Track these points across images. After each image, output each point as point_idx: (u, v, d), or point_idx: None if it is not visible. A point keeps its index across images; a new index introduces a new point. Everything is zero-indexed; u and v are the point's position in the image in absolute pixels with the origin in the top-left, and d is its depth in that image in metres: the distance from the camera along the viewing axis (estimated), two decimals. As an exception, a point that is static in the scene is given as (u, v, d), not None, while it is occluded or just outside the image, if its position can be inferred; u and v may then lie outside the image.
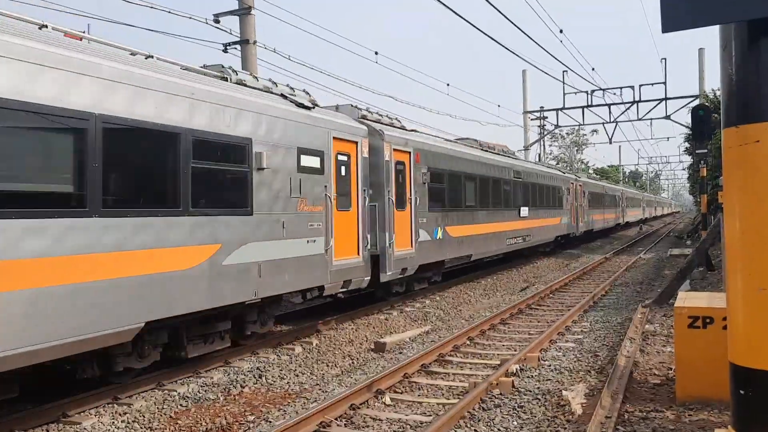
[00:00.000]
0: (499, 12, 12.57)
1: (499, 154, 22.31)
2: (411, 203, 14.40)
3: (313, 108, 11.11)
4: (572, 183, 32.04)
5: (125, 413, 7.30)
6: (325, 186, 11.04)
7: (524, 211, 23.52)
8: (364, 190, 12.42)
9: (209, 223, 8.41)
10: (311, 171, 10.72)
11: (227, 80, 9.70)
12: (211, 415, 7.28)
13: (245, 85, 9.93)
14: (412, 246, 14.31)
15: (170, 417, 7.28)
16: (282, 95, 10.60)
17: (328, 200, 11.09)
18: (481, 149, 20.82)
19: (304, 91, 11.50)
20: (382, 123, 14.20)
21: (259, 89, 10.13)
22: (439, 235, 15.93)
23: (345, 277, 11.65)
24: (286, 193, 10.08)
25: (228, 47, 14.48)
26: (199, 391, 8.16)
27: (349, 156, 11.95)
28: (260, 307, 10.10)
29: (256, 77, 10.60)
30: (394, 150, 13.71)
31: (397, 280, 14.46)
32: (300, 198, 10.39)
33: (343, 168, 11.78)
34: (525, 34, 14.85)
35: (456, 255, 17.12)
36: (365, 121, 13.38)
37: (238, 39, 14.37)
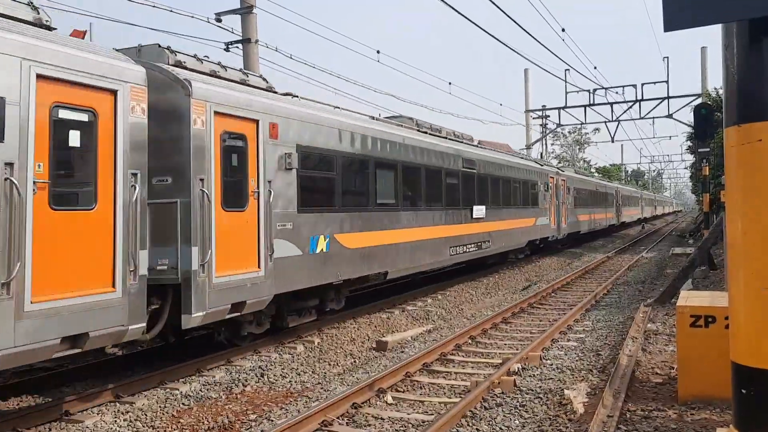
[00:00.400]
0: (501, 11, 12.56)
1: (444, 138, 17.08)
2: (259, 199, 9.51)
3: None
4: (552, 177, 27.01)
5: (127, 412, 7.31)
6: (7, 164, 6.05)
7: (479, 210, 18.27)
8: (134, 176, 7.37)
9: None
10: None
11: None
12: (213, 414, 7.29)
13: None
14: (259, 266, 9.40)
15: (172, 416, 7.30)
16: None
17: (15, 190, 6.08)
18: (418, 130, 15.68)
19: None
20: (207, 74, 9.33)
21: None
22: (322, 247, 10.89)
23: (72, 330, 6.56)
24: None
25: (230, 46, 14.49)
26: (201, 390, 8.17)
27: (92, 114, 6.97)
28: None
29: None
30: (220, 114, 8.83)
31: (245, 318, 9.76)
32: None
33: (71, 134, 6.83)
34: (527, 32, 14.85)
35: (358, 274, 12.07)
36: (160, 66, 8.68)
37: (240, 38, 14.38)
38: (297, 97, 11.25)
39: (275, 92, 10.60)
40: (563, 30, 22.70)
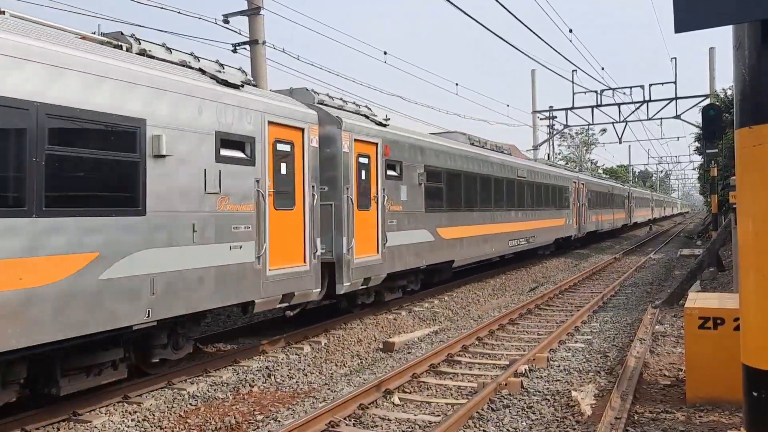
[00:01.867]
0: (509, 12, 12.54)
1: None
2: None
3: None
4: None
5: (135, 412, 7.33)
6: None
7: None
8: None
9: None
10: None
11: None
12: (221, 414, 7.30)
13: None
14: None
15: (180, 416, 7.31)
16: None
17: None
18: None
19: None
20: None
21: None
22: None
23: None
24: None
25: (237, 47, 14.51)
26: (208, 390, 8.18)
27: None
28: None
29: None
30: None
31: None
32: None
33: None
34: (534, 33, 14.81)
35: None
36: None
37: (247, 39, 14.40)
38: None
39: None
40: (570, 31, 22.65)
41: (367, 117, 13.11)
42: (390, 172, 13.10)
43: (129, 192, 7.21)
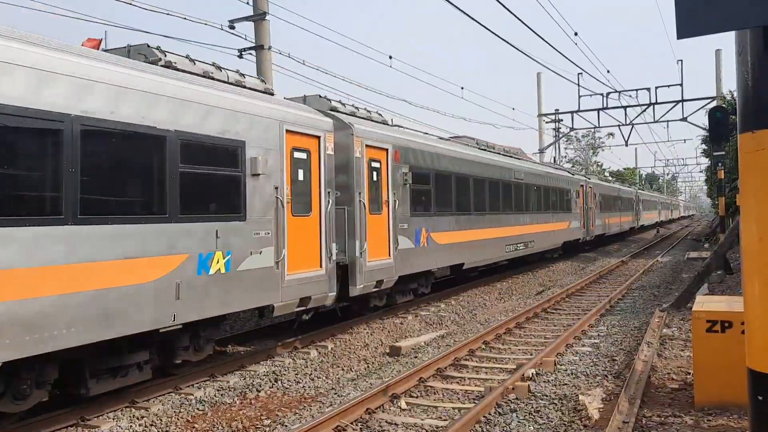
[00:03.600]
0: (515, 15, 12.56)
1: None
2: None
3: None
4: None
5: (143, 417, 7.36)
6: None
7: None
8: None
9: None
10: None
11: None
12: (228, 419, 7.33)
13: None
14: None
15: (187, 421, 7.34)
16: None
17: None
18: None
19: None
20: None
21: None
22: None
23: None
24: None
25: (243, 53, 14.58)
26: (215, 395, 8.21)
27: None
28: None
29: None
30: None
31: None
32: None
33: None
34: (540, 36, 14.82)
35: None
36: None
37: (253, 45, 14.47)
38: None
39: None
40: (576, 34, 22.63)
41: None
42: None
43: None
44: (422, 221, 14.21)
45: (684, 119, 33.80)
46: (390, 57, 20.22)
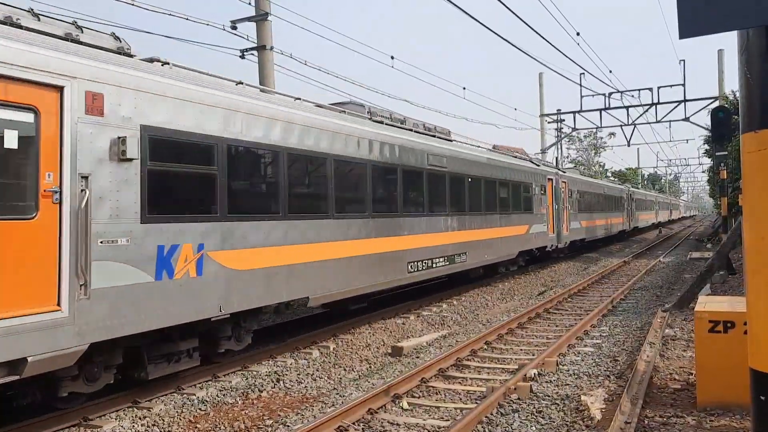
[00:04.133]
0: (517, 16, 12.56)
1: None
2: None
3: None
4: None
5: (145, 417, 7.37)
6: None
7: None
8: None
9: None
10: None
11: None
12: (230, 419, 7.33)
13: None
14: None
15: (189, 421, 7.35)
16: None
17: None
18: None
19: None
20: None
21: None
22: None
23: None
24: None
25: (245, 53, 14.60)
26: (217, 395, 8.22)
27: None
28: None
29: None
30: None
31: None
32: None
33: None
34: (542, 37, 14.82)
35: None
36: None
37: (255, 45, 14.48)
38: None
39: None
40: (578, 34, 22.62)
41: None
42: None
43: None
44: (183, 231, 7.80)
45: (686, 119, 33.77)
46: (392, 57, 20.22)
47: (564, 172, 27.59)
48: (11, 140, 6.17)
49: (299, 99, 10.85)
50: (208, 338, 8.91)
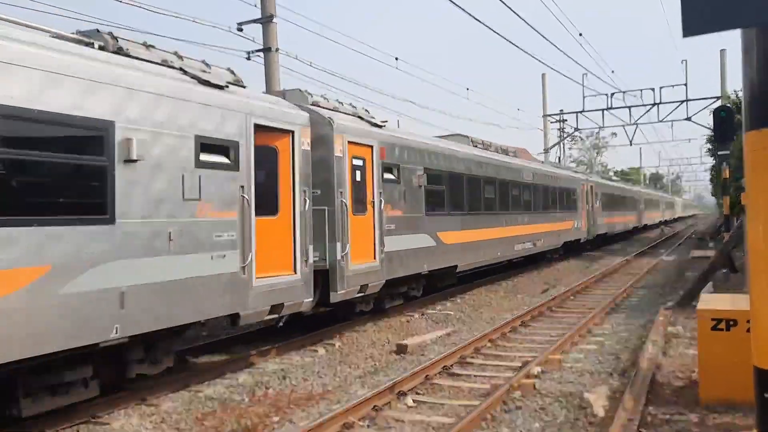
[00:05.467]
0: (519, 17, 12.60)
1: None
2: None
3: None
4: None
5: (153, 414, 7.43)
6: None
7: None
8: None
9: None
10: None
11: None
12: (237, 416, 7.39)
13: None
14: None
15: (197, 418, 7.40)
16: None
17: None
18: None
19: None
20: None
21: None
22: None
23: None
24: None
25: (251, 55, 14.66)
26: (224, 392, 8.28)
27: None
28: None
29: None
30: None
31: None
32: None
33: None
34: (545, 38, 14.86)
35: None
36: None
37: (261, 47, 14.54)
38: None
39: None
40: (581, 35, 22.66)
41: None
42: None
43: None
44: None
45: (688, 119, 33.76)
46: (396, 59, 20.28)
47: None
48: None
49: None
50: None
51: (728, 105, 22.22)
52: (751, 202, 3.28)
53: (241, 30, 14.23)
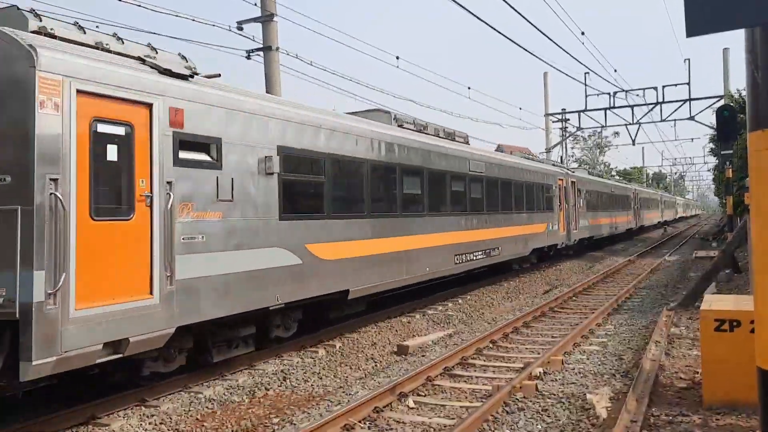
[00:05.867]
0: (522, 16, 12.56)
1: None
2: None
3: None
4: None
5: (153, 415, 7.41)
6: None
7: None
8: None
9: None
10: None
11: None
12: (237, 418, 7.37)
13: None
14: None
15: (196, 419, 7.38)
16: None
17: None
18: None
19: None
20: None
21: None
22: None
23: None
24: None
25: (251, 54, 14.64)
26: (224, 394, 8.25)
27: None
28: None
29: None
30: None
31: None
32: None
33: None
34: (547, 37, 14.82)
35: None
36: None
37: (261, 46, 14.52)
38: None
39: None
40: (583, 33, 22.61)
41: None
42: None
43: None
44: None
45: (691, 118, 33.69)
46: (397, 57, 20.25)
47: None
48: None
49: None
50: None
51: (731, 104, 22.18)
52: (754, 201, 3.24)
53: (241, 29, 14.21)
